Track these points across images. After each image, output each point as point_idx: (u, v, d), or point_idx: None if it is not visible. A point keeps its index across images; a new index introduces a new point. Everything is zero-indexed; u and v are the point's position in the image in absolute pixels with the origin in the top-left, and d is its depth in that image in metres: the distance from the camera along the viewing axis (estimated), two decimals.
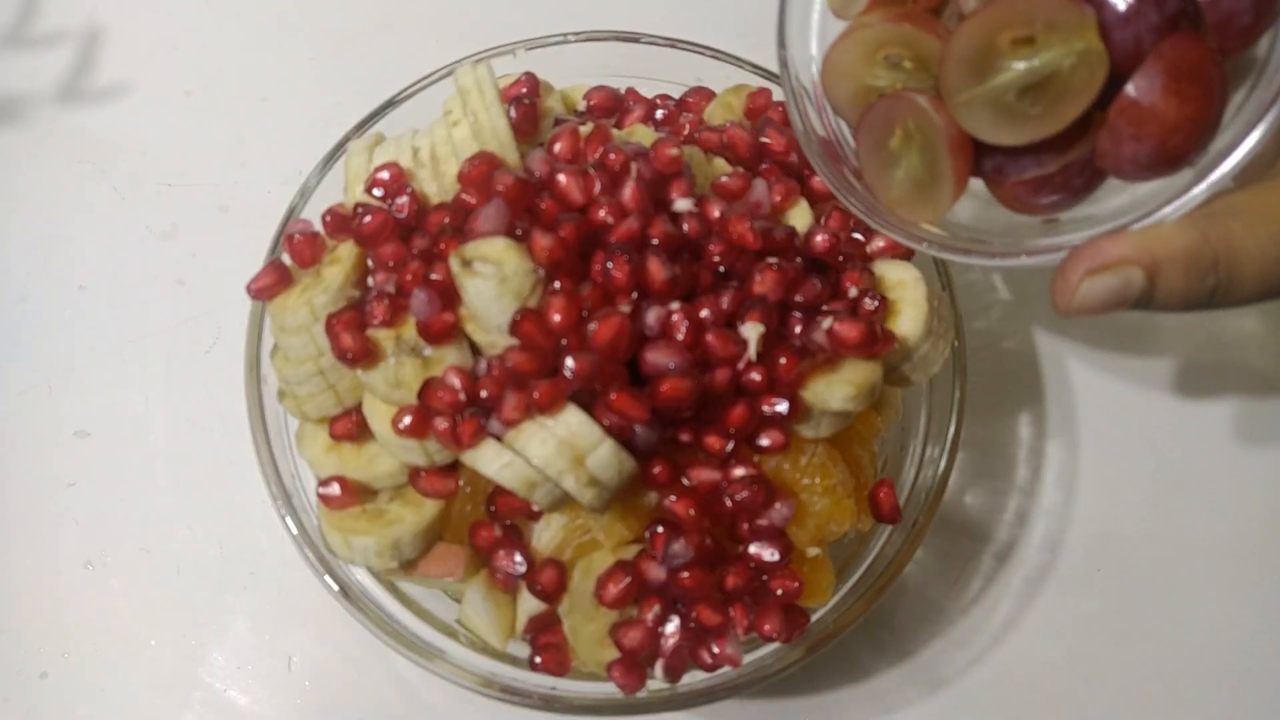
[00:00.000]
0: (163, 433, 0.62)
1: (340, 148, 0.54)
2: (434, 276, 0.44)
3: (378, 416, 0.45)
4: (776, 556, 0.44)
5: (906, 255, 0.49)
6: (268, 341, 0.50)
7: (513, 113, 0.48)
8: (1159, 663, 0.56)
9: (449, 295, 0.44)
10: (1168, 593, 0.58)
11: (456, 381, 0.43)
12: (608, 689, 0.46)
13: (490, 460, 0.42)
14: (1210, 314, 0.64)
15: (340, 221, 0.48)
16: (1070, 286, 0.36)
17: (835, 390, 0.44)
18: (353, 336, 0.44)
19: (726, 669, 0.45)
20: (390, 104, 0.55)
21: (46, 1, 0.74)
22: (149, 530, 0.59)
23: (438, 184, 0.48)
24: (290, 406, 0.48)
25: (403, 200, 0.47)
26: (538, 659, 0.46)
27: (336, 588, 0.48)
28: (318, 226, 0.48)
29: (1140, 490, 0.61)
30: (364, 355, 0.44)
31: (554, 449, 0.41)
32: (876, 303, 0.45)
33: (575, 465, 0.41)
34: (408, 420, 0.43)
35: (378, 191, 0.48)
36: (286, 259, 0.48)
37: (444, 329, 0.43)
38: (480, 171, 0.46)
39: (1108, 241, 0.36)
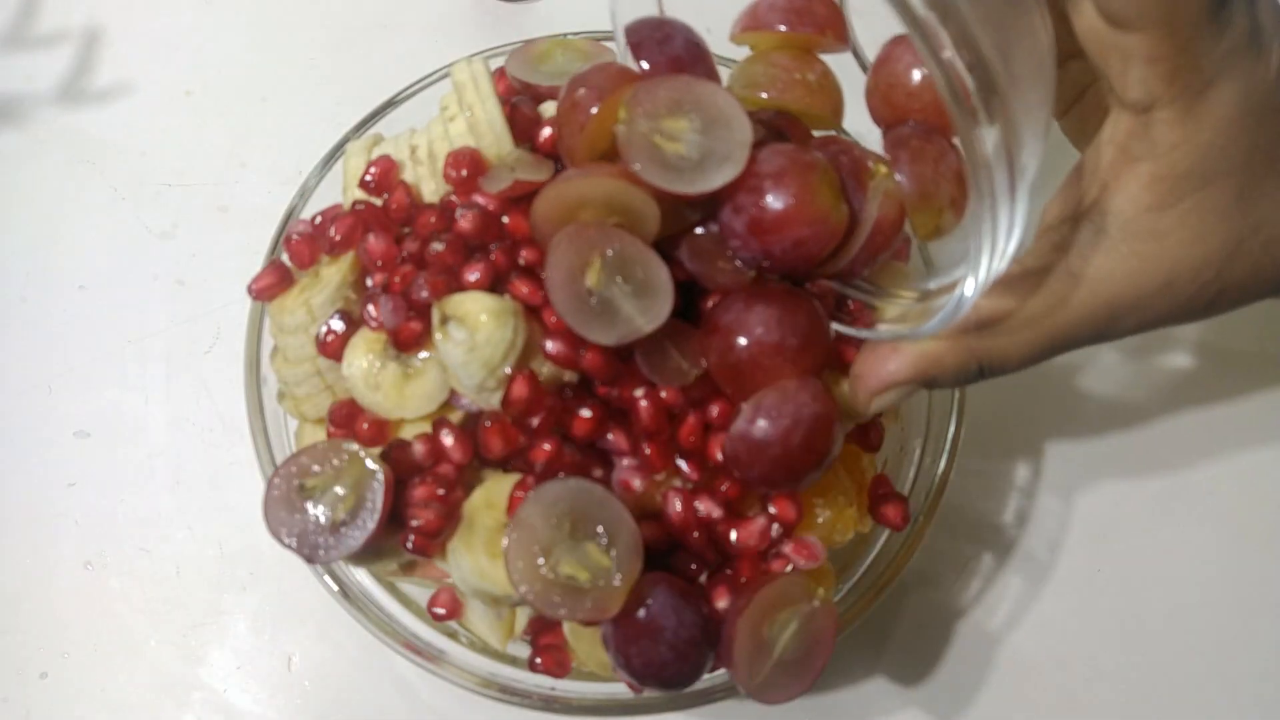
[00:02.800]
0: (163, 433, 0.62)
1: (340, 148, 0.54)
2: (423, 293, 0.43)
3: None
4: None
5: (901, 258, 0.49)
6: (267, 342, 0.50)
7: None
8: (1159, 663, 0.56)
9: (426, 305, 0.43)
10: (1168, 593, 0.58)
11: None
12: (608, 689, 0.46)
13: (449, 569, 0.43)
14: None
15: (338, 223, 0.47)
16: (861, 403, 0.41)
17: (863, 410, 0.43)
18: (340, 336, 0.44)
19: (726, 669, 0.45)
20: (390, 104, 0.55)
21: (46, 1, 0.74)
22: (149, 530, 0.59)
23: (436, 181, 0.48)
24: (289, 407, 0.48)
25: (397, 194, 0.47)
26: (538, 660, 0.46)
27: (336, 588, 0.48)
28: None
29: (1140, 490, 0.61)
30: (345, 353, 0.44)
31: (469, 589, 0.42)
32: None
33: (495, 602, 0.42)
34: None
35: (370, 183, 0.48)
36: (286, 259, 0.48)
37: (411, 337, 0.43)
38: (467, 184, 0.45)
39: (887, 362, 0.40)
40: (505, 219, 0.44)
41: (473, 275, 0.42)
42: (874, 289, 0.43)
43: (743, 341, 0.40)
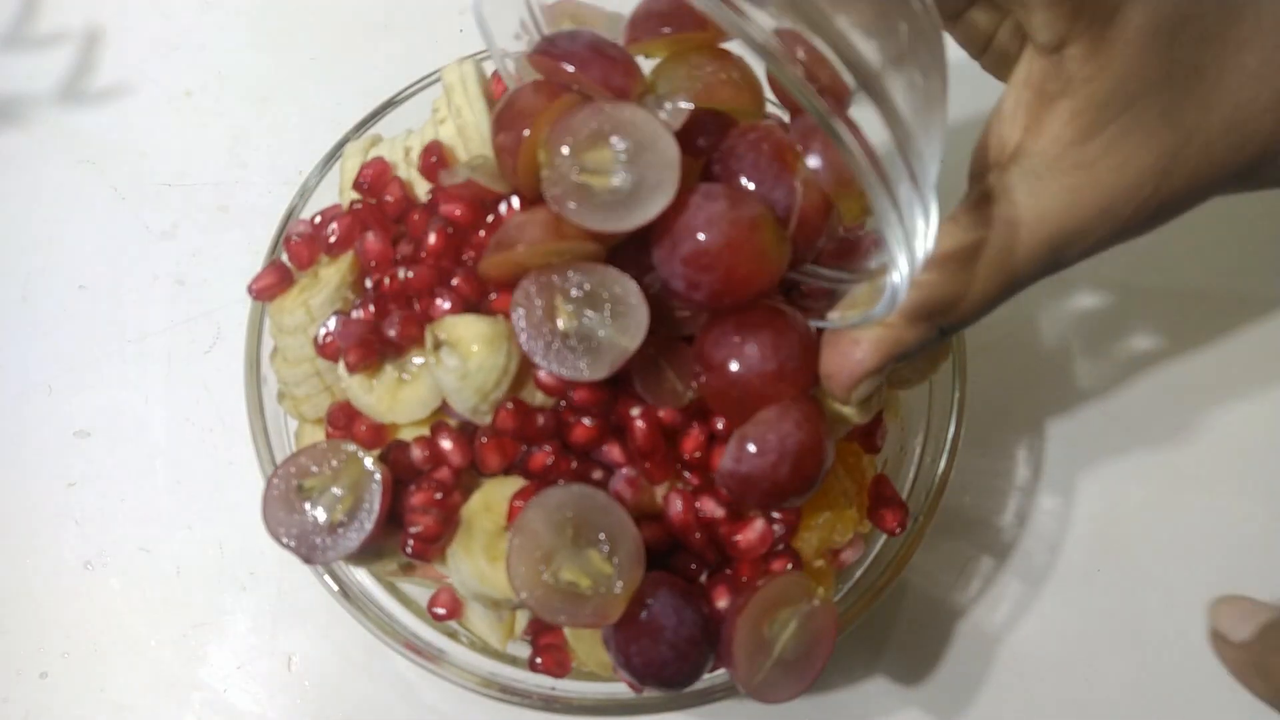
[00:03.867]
0: (163, 433, 0.62)
1: (340, 148, 0.54)
2: (392, 331, 0.43)
3: None
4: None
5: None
6: (267, 342, 0.50)
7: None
8: (1159, 663, 0.56)
9: (422, 307, 0.43)
10: (1168, 593, 0.58)
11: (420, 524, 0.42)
12: (608, 689, 0.46)
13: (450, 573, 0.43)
14: (1212, 315, 0.64)
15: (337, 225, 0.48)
16: (840, 399, 0.40)
17: (845, 405, 0.43)
18: (342, 335, 0.44)
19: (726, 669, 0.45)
20: (390, 104, 0.55)
21: (46, 1, 0.74)
22: (149, 530, 0.59)
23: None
24: (289, 407, 0.48)
25: (391, 194, 0.47)
26: (538, 659, 0.46)
27: (336, 588, 0.48)
28: None
29: (1140, 490, 0.60)
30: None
31: (469, 593, 0.42)
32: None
33: (495, 605, 0.42)
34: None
35: (363, 185, 0.48)
36: (286, 259, 0.48)
37: (407, 340, 0.43)
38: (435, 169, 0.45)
39: (853, 354, 0.39)
40: (481, 232, 0.44)
41: (445, 304, 0.42)
42: (828, 274, 0.43)
43: (738, 369, 0.39)
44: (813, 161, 0.40)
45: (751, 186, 0.39)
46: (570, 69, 0.39)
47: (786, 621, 0.40)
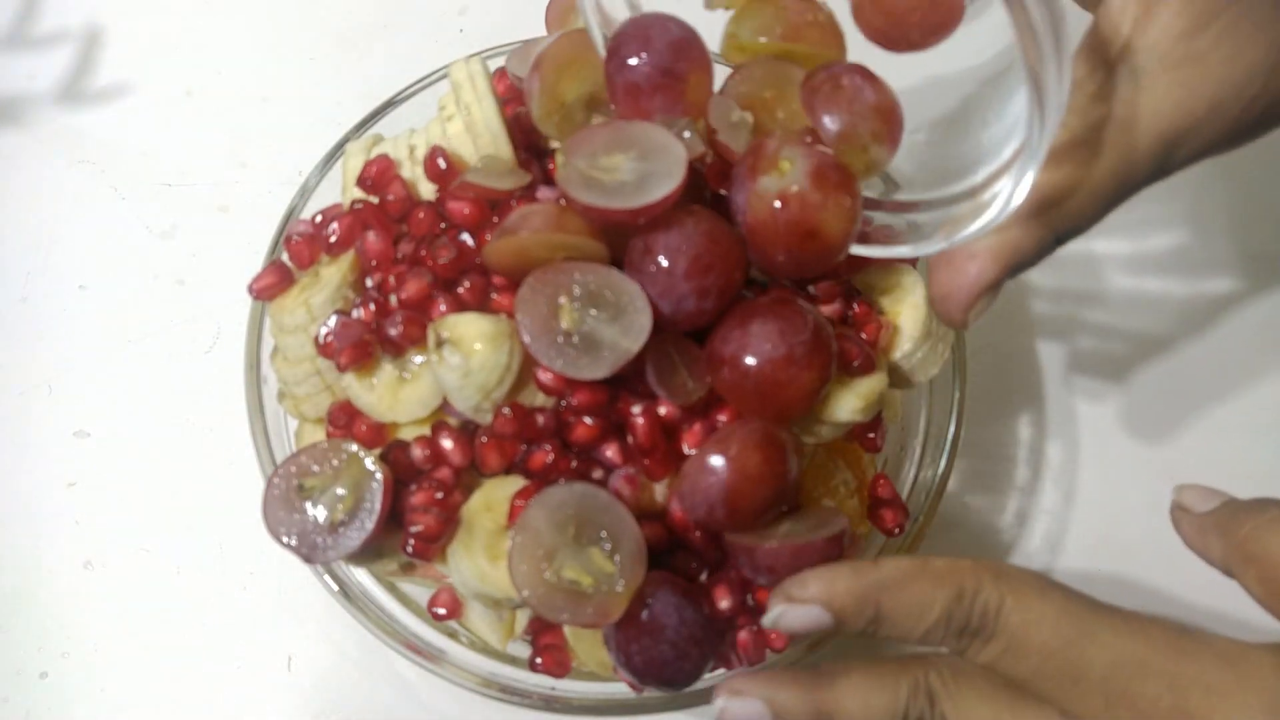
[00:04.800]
0: (163, 433, 0.62)
1: (340, 148, 0.54)
2: (394, 330, 0.43)
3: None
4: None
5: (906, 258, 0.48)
6: (268, 341, 0.50)
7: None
8: None
9: (423, 309, 0.43)
10: (1168, 593, 0.58)
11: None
12: (608, 689, 0.46)
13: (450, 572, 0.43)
14: (1213, 315, 0.64)
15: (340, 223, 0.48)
16: (958, 321, 0.40)
17: (844, 404, 0.43)
18: (339, 336, 0.44)
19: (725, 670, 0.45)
20: (390, 104, 0.55)
21: (46, 1, 0.74)
22: (149, 530, 0.59)
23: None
24: (289, 407, 0.48)
25: (394, 192, 0.47)
26: (538, 659, 0.45)
27: (336, 588, 0.48)
28: None
29: (1140, 490, 0.60)
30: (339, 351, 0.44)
31: (470, 593, 0.42)
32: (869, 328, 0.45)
33: (496, 605, 0.42)
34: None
35: (367, 182, 0.48)
36: (287, 259, 0.48)
37: (410, 339, 0.43)
38: (448, 175, 0.46)
39: (968, 270, 0.39)
40: (489, 236, 0.44)
41: (442, 307, 0.43)
42: (905, 208, 0.42)
43: (752, 362, 0.39)
44: (821, 119, 0.40)
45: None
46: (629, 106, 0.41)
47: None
